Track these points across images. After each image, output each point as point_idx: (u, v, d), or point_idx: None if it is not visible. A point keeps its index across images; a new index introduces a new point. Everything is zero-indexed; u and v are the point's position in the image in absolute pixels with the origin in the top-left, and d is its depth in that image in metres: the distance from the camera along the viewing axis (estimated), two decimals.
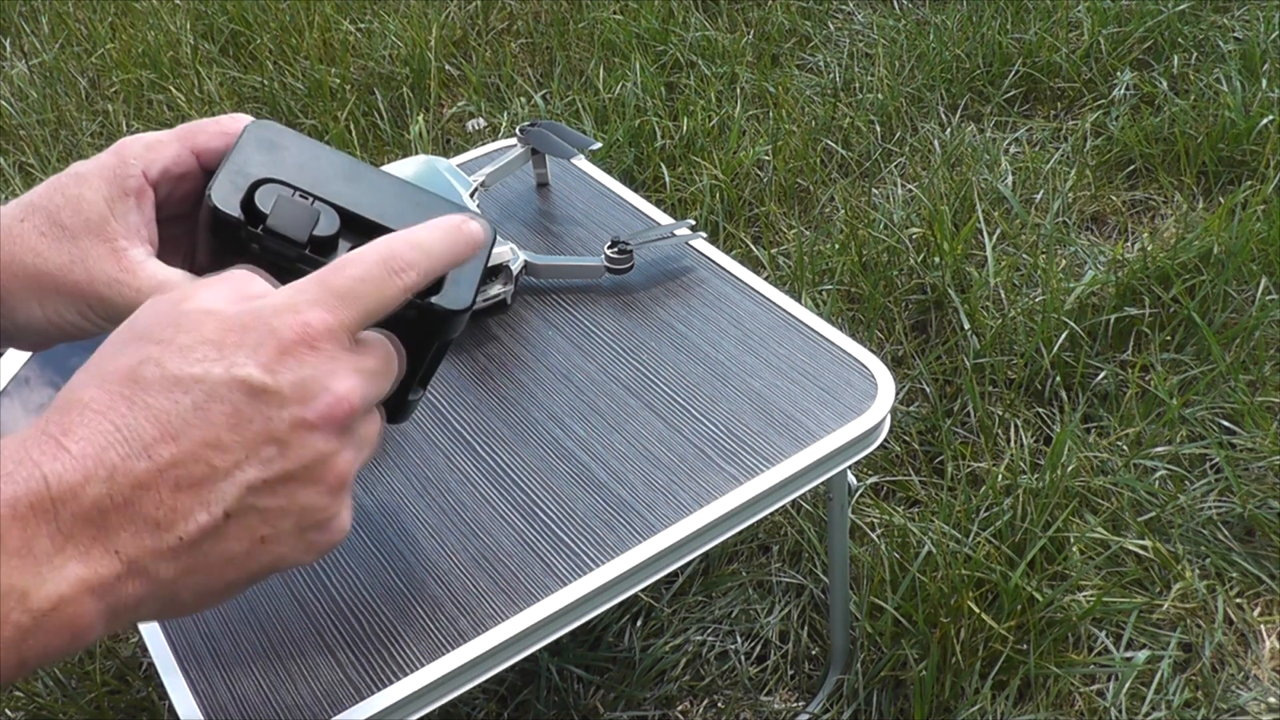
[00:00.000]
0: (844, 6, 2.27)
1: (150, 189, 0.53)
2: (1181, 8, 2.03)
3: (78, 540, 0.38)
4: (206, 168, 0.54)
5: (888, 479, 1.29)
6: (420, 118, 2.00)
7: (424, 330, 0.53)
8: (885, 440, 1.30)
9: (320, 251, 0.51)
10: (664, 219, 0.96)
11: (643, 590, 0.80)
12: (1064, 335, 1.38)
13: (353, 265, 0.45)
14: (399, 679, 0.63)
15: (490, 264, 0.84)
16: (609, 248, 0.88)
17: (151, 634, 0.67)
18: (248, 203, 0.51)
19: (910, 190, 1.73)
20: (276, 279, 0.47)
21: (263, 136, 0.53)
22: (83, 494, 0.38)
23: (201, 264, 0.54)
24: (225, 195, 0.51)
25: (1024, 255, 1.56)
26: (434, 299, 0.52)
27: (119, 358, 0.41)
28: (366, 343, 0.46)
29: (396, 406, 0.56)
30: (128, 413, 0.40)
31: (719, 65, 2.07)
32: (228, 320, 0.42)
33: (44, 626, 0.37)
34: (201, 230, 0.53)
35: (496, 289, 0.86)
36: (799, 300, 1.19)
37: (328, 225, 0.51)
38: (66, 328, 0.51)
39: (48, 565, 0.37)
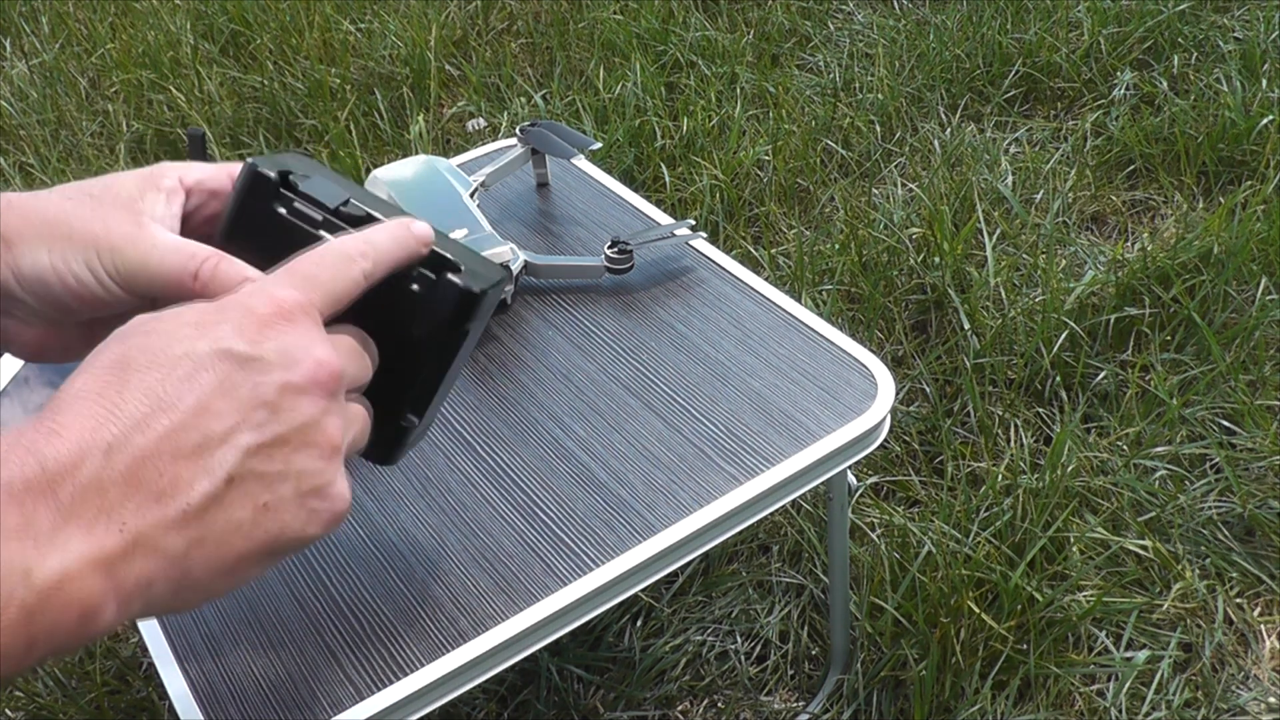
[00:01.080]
0: (844, 6, 2.27)
1: (182, 192, 0.55)
2: (1181, 8, 2.03)
3: (80, 515, 0.38)
4: None
5: (888, 479, 1.29)
6: (420, 118, 2.00)
7: (434, 320, 0.52)
8: (885, 440, 1.30)
9: (345, 220, 0.52)
10: (664, 219, 0.96)
11: (643, 590, 0.80)
12: (1064, 335, 1.38)
13: (311, 254, 0.48)
14: (399, 679, 0.63)
15: None
16: (609, 248, 0.88)
17: (151, 633, 0.67)
18: (283, 177, 0.54)
19: (910, 190, 1.73)
20: (290, 251, 0.49)
21: (294, 158, 0.56)
22: (80, 470, 0.38)
23: (223, 232, 0.54)
24: (264, 164, 0.54)
25: (1024, 255, 1.56)
26: (450, 275, 0.52)
27: (105, 353, 0.42)
28: (338, 329, 0.48)
29: (391, 439, 0.55)
30: (118, 394, 0.40)
31: (719, 65, 2.07)
32: (204, 307, 0.44)
33: (51, 604, 0.37)
34: (233, 197, 0.55)
35: None
36: (799, 300, 1.19)
37: (356, 208, 0.53)
38: (69, 280, 0.50)
39: (49, 542, 0.37)
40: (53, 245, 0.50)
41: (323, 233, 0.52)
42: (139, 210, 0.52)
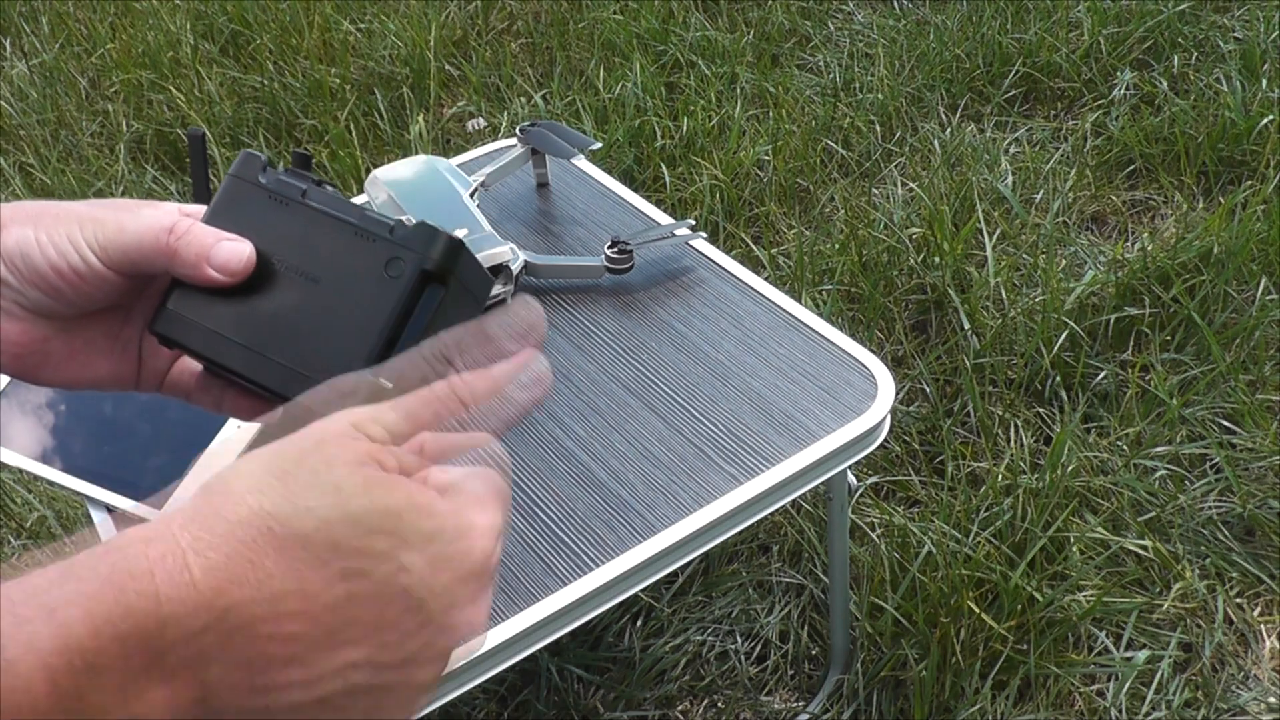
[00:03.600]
0: (844, 6, 2.27)
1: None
2: (1181, 8, 2.03)
3: (176, 677, 0.35)
4: None
5: (888, 479, 1.29)
6: (420, 118, 2.00)
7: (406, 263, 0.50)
8: (885, 440, 1.30)
9: (326, 195, 0.53)
10: (664, 219, 0.96)
11: (643, 590, 0.80)
12: (1064, 335, 1.38)
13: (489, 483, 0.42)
14: None
15: (490, 264, 0.84)
16: (609, 248, 0.88)
17: None
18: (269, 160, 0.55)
19: (910, 190, 1.73)
20: (270, 211, 0.51)
21: None
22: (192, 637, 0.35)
23: (209, 209, 0.55)
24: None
25: (1024, 255, 1.56)
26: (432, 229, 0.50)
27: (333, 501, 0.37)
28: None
29: None
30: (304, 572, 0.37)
31: (719, 65, 2.07)
32: (441, 528, 0.39)
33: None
34: (225, 180, 0.55)
35: (496, 289, 0.86)
36: (799, 300, 1.19)
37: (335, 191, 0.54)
38: (50, 251, 0.50)
39: (135, 689, 0.34)
40: (39, 223, 0.51)
41: (306, 201, 0.53)
42: (133, 206, 0.52)
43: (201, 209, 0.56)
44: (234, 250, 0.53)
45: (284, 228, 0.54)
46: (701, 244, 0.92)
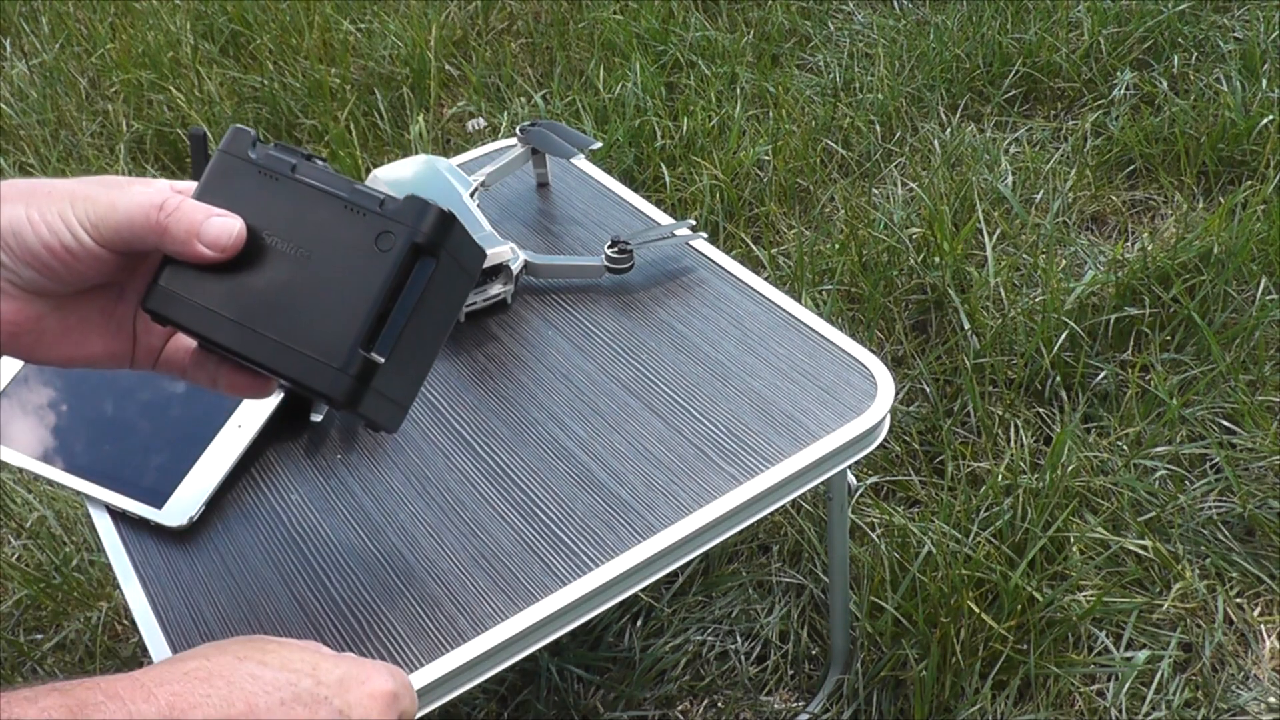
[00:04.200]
0: (844, 6, 2.27)
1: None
2: (1181, 8, 2.03)
3: None
4: None
5: (888, 479, 1.29)
6: (420, 118, 2.00)
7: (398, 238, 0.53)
8: (885, 440, 1.30)
9: (317, 173, 0.54)
10: (664, 219, 0.96)
11: (643, 590, 0.80)
12: (1064, 335, 1.38)
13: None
14: None
15: (490, 263, 0.84)
16: (609, 247, 0.88)
17: (151, 634, 0.67)
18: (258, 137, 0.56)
19: (910, 190, 1.73)
20: (260, 186, 0.52)
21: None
22: None
23: (200, 184, 0.56)
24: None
25: (1024, 255, 1.56)
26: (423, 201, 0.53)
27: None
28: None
29: (363, 384, 0.53)
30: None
31: (719, 65, 2.07)
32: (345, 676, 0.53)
33: None
34: (215, 155, 0.56)
35: (496, 289, 0.86)
36: (799, 300, 1.19)
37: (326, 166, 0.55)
38: (42, 229, 0.50)
39: None
40: (30, 201, 0.51)
41: (296, 176, 0.53)
42: (124, 183, 0.52)
43: (193, 185, 0.56)
44: (224, 226, 0.53)
45: (274, 203, 0.54)
46: (701, 244, 0.92)
